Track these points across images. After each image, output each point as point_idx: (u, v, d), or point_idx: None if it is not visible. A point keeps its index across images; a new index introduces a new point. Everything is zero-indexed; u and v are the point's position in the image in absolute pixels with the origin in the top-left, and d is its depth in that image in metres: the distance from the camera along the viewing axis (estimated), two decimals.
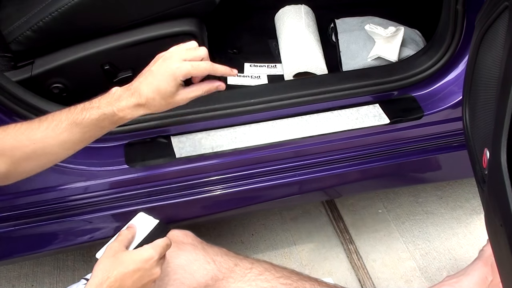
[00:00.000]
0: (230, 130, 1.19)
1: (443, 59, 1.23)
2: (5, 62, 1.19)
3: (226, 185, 1.22)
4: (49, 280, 1.47)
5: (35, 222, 1.15)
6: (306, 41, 1.41)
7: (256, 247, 1.56)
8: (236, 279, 1.05)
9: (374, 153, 1.27)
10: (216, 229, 1.59)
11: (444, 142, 1.30)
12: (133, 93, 0.92)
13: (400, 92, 1.27)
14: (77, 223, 1.18)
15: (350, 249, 1.53)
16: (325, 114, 1.23)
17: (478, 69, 0.92)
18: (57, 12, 1.16)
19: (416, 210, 1.66)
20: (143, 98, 0.91)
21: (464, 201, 1.68)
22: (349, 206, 1.67)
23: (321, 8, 1.57)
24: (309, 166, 1.24)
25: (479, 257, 1.34)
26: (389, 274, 1.49)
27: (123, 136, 1.16)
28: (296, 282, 1.10)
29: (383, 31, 1.35)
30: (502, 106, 0.75)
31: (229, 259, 1.06)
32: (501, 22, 0.82)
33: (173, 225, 1.22)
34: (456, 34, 1.20)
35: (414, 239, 1.57)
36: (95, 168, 1.13)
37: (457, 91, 1.22)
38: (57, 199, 1.14)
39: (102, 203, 1.17)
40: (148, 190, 1.17)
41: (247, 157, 1.18)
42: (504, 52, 0.77)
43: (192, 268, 1.02)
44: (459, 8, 1.17)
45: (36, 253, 1.25)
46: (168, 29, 1.24)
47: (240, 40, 1.56)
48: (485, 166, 0.83)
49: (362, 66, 1.37)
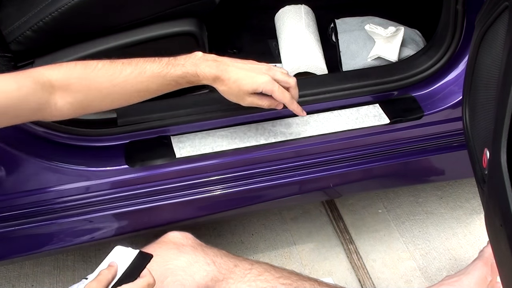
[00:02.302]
0: (230, 130, 1.19)
1: (443, 59, 1.24)
2: (5, 62, 1.19)
3: (226, 185, 1.22)
4: (49, 280, 1.47)
5: (35, 222, 1.15)
6: (306, 41, 1.41)
7: (256, 247, 1.56)
8: (236, 280, 1.05)
9: (374, 153, 1.27)
10: (216, 229, 1.59)
11: (444, 142, 1.30)
12: (219, 66, 1.00)
13: (400, 92, 1.27)
14: (77, 223, 1.18)
15: (350, 249, 1.53)
16: (325, 114, 1.23)
17: (478, 69, 0.92)
18: (57, 12, 1.16)
19: (416, 210, 1.66)
20: (225, 77, 1.01)
21: (464, 201, 1.68)
22: (349, 206, 1.67)
23: (321, 8, 1.56)
24: (309, 166, 1.24)
25: (479, 257, 1.34)
26: (389, 274, 1.49)
27: (123, 136, 1.16)
28: (296, 282, 1.10)
29: (383, 31, 1.35)
30: (502, 106, 0.75)
31: (228, 260, 1.07)
32: (501, 22, 0.82)
33: (173, 226, 1.22)
34: (456, 34, 1.20)
35: (414, 239, 1.57)
36: (95, 168, 1.13)
37: (457, 91, 1.22)
38: (57, 199, 1.14)
39: (102, 203, 1.17)
40: (148, 190, 1.17)
41: (247, 157, 1.18)
42: (504, 52, 0.77)
43: (192, 269, 1.02)
44: (459, 8, 1.17)
45: (36, 253, 1.25)
46: (168, 29, 1.24)
47: (240, 40, 1.56)
48: (485, 166, 0.82)
49: (362, 66, 1.37)
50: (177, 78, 0.99)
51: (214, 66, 1.00)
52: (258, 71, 1.03)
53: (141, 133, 1.17)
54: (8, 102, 0.85)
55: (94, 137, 1.15)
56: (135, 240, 1.55)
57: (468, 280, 1.28)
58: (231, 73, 1.01)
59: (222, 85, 1.02)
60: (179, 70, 0.98)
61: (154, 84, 0.98)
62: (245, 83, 1.02)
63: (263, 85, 1.02)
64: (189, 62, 0.99)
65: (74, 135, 1.13)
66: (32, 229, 1.16)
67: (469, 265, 1.34)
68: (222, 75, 1.01)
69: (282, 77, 1.06)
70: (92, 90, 0.95)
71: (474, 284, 1.28)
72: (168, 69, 0.98)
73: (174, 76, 0.98)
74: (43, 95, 0.91)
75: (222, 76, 1.01)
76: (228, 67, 1.01)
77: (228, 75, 1.01)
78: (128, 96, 0.99)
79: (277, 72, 1.05)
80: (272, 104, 1.06)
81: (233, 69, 1.01)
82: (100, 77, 0.94)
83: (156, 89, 0.99)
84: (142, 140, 1.17)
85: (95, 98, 0.96)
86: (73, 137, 1.13)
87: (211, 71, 1.00)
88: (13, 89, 0.86)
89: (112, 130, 1.15)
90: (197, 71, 0.99)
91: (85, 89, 0.94)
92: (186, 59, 1.00)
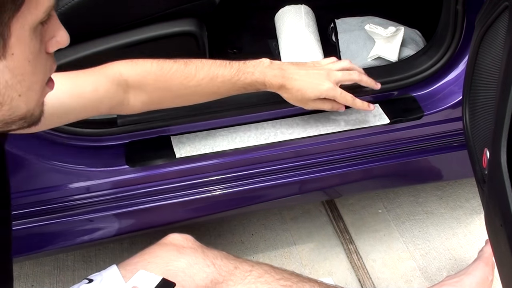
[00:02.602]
0: (230, 130, 1.19)
1: (443, 59, 1.23)
2: None
3: (226, 185, 1.22)
4: (49, 280, 1.47)
5: (35, 222, 1.15)
6: (306, 41, 1.41)
7: (256, 247, 1.56)
8: (236, 281, 1.05)
9: (374, 153, 1.27)
10: (216, 229, 1.59)
11: (444, 142, 1.30)
12: (284, 76, 1.05)
13: (400, 92, 1.27)
14: (77, 223, 1.18)
15: (350, 249, 1.53)
16: (325, 114, 1.23)
17: (478, 69, 0.92)
18: (57, 12, 1.16)
19: (416, 210, 1.66)
20: (290, 86, 1.06)
21: (464, 201, 1.68)
22: (349, 206, 1.67)
23: (321, 8, 1.56)
24: (309, 166, 1.24)
25: (479, 257, 1.34)
26: (389, 274, 1.49)
27: (123, 136, 1.16)
28: (296, 284, 1.10)
29: (383, 31, 1.35)
30: (502, 106, 0.75)
31: (228, 262, 1.06)
32: (501, 22, 0.82)
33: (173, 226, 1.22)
34: (456, 34, 1.20)
35: (414, 239, 1.57)
36: (95, 168, 1.13)
37: (457, 91, 1.22)
38: (57, 199, 1.14)
39: (102, 203, 1.17)
40: (148, 190, 1.17)
41: (247, 157, 1.18)
42: (504, 52, 0.77)
43: (192, 271, 1.02)
44: (459, 8, 1.17)
45: (36, 253, 1.25)
46: (168, 29, 1.24)
47: (240, 40, 1.56)
48: (485, 166, 0.82)
49: (362, 66, 1.36)
50: (246, 86, 1.04)
51: (279, 76, 1.05)
52: (320, 79, 1.07)
53: (141, 133, 1.17)
54: (86, 103, 0.92)
55: (94, 137, 1.15)
56: (135, 240, 1.55)
57: (469, 280, 1.28)
58: (294, 82, 1.06)
59: (287, 93, 1.07)
60: (249, 78, 1.03)
61: (223, 89, 1.04)
62: (309, 92, 1.06)
63: (326, 92, 1.07)
64: (257, 71, 1.04)
65: (74, 135, 1.13)
66: (32, 229, 1.16)
67: (469, 265, 1.34)
68: (287, 85, 1.06)
69: (344, 77, 1.10)
70: (165, 92, 1.00)
71: (475, 284, 1.28)
72: (239, 76, 1.03)
73: (244, 84, 1.04)
74: (119, 94, 0.96)
75: (287, 86, 1.06)
76: (293, 76, 1.06)
77: (292, 84, 1.06)
78: (198, 97, 1.05)
79: (337, 74, 1.09)
80: (334, 107, 1.11)
81: (297, 77, 1.06)
82: (174, 80, 0.99)
83: (225, 93, 1.05)
84: (142, 140, 1.17)
85: (167, 99, 1.03)
86: (73, 137, 1.13)
87: (277, 81, 1.05)
88: (90, 91, 0.92)
89: (112, 130, 1.15)
90: (265, 80, 1.05)
91: (159, 90, 0.99)
92: (255, 66, 1.04)
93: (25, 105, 0.60)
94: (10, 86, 0.57)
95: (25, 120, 0.62)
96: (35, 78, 0.60)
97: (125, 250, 1.54)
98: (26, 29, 0.56)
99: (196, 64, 1.02)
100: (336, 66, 1.11)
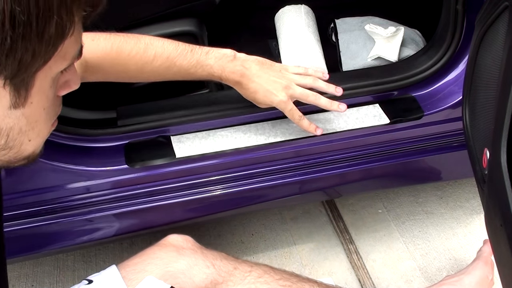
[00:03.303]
0: (230, 130, 1.19)
1: (443, 59, 1.23)
2: None
3: (226, 185, 1.22)
4: (49, 280, 1.47)
5: (35, 222, 1.15)
6: (306, 41, 1.41)
7: (256, 247, 1.56)
8: (235, 282, 1.05)
9: (374, 153, 1.27)
10: (216, 229, 1.59)
11: (444, 142, 1.30)
12: (244, 74, 1.04)
13: (400, 92, 1.27)
14: (77, 223, 1.18)
15: (350, 249, 1.53)
16: (325, 114, 1.23)
17: (478, 69, 0.92)
18: None
19: (416, 210, 1.66)
20: (245, 86, 1.04)
21: (464, 201, 1.68)
22: (349, 206, 1.67)
23: (321, 8, 1.56)
24: (309, 166, 1.24)
25: (478, 257, 1.34)
26: (389, 274, 1.49)
27: (123, 136, 1.16)
28: (296, 284, 1.10)
29: (383, 31, 1.35)
30: (502, 106, 0.75)
31: (228, 262, 1.06)
32: (501, 22, 0.82)
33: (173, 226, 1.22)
34: (456, 34, 1.20)
35: (414, 239, 1.57)
36: (95, 168, 1.13)
37: (457, 91, 1.22)
38: (57, 199, 1.14)
39: (102, 203, 1.17)
40: (148, 190, 1.17)
41: (247, 157, 1.18)
42: (504, 52, 0.77)
43: (191, 272, 1.01)
44: (459, 8, 1.17)
45: (36, 253, 1.25)
46: (168, 29, 1.24)
47: (240, 40, 1.56)
48: (485, 166, 0.82)
49: (362, 66, 1.37)
50: (202, 77, 1.05)
51: (238, 73, 1.04)
52: (277, 89, 1.06)
53: (141, 133, 1.17)
54: None
55: (94, 137, 1.15)
56: (135, 240, 1.55)
57: (469, 280, 1.28)
58: (252, 83, 1.05)
59: (242, 90, 1.07)
60: (206, 71, 1.03)
61: (179, 76, 1.03)
62: (261, 98, 1.06)
63: (277, 104, 1.07)
64: (217, 64, 1.03)
65: (74, 135, 1.13)
66: (32, 229, 1.16)
67: (469, 265, 1.34)
68: (243, 83, 1.05)
69: (300, 94, 1.08)
70: (121, 73, 1.01)
71: (475, 284, 1.28)
72: (196, 68, 1.02)
73: (200, 76, 1.04)
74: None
75: (243, 84, 1.05)
76: (252, 77, 1.05)
77: (248, 84, 1.05)
78: (152, 79, 1.06)
79: (296, 90, 1.07)
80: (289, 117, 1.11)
81: (256, 79, 1.05)
82: (131, 65, 0.99)
83: (180, 79, 1.05)
84: (142, 140, 1.17)
85: (122, 79, 1.04)
86: (73, 137, 1.13)
87: (234, 78, 1.04)
88: None
89: (112, 130, 1.15)
90: (221, 76, 1.04)
91: (115, 72, 1.00)
92: (216, 59, 1.03)
93: (32, 148, 0.62)
94: (23, 132, 0.58)
95: (28, 160, 0.63)
96: (46, 124, 0.62)
97: (125, 250, 1.54)
98: (48, 79, 0.57)
99: (156, 49, 1.01)
100: (300, 81, 1.10)
